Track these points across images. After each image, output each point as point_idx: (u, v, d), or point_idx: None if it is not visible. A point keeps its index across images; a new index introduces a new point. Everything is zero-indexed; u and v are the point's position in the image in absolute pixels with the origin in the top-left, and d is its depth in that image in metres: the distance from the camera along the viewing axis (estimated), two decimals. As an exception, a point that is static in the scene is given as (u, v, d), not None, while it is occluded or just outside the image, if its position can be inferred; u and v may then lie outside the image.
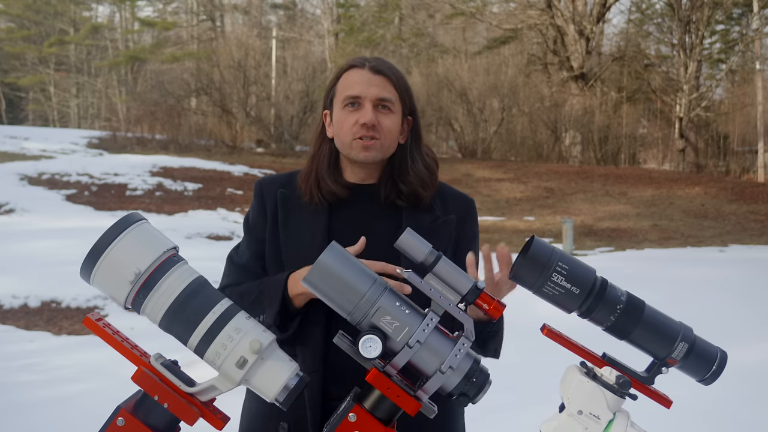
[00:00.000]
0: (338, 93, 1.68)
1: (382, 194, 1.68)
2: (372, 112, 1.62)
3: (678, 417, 2.66)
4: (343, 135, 1.65)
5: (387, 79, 1.66)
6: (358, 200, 1.68)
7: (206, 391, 1.12)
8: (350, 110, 1.64)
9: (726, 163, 24.15)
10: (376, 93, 1.64)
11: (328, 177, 1.67)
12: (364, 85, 1.64)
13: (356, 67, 1.67)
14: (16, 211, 12.84)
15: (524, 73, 25.27)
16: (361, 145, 1.63)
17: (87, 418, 2.82)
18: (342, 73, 1.69)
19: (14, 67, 37.31)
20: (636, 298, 1.21)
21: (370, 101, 1.63)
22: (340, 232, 1.64)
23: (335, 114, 1.68)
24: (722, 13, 24.87)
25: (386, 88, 1.66)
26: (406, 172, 1.67)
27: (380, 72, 1.66)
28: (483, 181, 18.16)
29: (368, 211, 1.68)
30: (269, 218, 1.70)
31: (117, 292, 1.10)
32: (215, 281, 1.29)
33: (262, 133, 25.11)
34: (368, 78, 1.65)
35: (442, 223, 1.69)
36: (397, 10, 31.12)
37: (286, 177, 1.77)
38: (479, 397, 1.13)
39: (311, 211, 1.67)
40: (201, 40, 35.86)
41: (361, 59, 1.69)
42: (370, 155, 1.64)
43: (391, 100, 1.66)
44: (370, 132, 1.62)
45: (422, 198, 1.67)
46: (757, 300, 7.32)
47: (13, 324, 7.22)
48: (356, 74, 1.66)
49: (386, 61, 1.72)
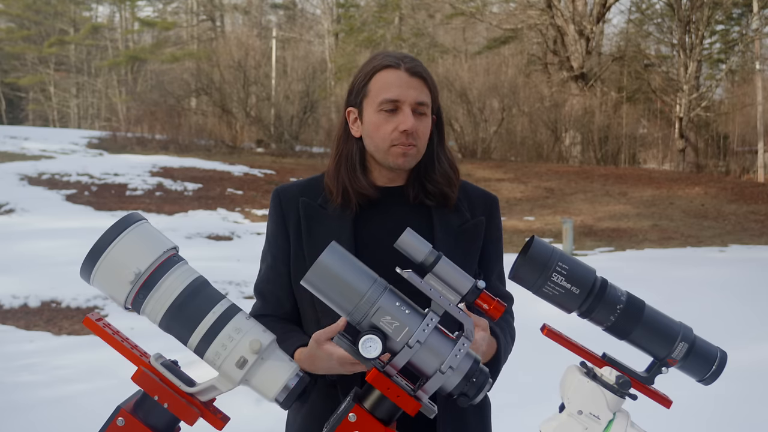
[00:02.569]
0: (372, 94, 1.59)
1: (411, 195, 1.64)
2: (412, 118, 1.56)
3: (678, 417, 2.66)
4: (380, 140, 1.58)
5: (423, 82, 1.60)
6: (387, 202, 1.64)
7: (206, 391, 1.12)
8: (387, 114, 1.57)
9: (726, 163, 24.16)
10: (415, 97, 1.57)
11: (356, 181, 1.61)
12: (402, 88, 1.56)
13: (391, 67, 1.58)
14: (16, 211, 12.84)
15: (524, 73, 25.28)
16: (400, 152, 1.57)
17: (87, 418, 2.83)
18: (375, 72, 1.60)
19: (14, 67, 37.31)
20: (636, 298, 1.21)
21: (409, 105, 1.57)
22: (370, 236, 1.60)
23: (369, 116, 1.60)
24: (722, 13, 24.86)
25: (423, 91, 1.59)
26: (433, 172, 1.64)
27: (417, 74, 1.59)
28: (483, 181, 18.16)
29: (397, 213, 1.63)
30: (292, 231, 1.64)
31: (117, 292, 1.10)
32: (215, 281, 1.29)
33: (262, 133, 25.10)
34: (406, 80, 1.57)
35: (472, 226, 1.66)
36: (397, 10, 31.13)
37: (305, 184, 1.70)
38: (479, 397, 1.13)
39: (336, 217, 1.61)
40: (201, 40, 35.88)
41: (395, 58, 1.60)
42: (408, 162, 1.59)
43: (427, 103, 1.60)
44: (410, 139, 1.56)
45: (449, 197, 1.64)
46: (757, 300, 7.32)
47: (13, 324, 7.22)
48: (392, 75, 1.58)
49: (417, 59, 1.65)
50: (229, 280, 8.03)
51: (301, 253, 1.62)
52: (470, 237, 1.65)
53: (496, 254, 1.71)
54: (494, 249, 1.71)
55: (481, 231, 1.67)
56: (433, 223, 1.63)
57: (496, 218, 1.72)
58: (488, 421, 1.71)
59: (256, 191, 16.20)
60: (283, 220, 1.66)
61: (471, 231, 1.65)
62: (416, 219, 1.63)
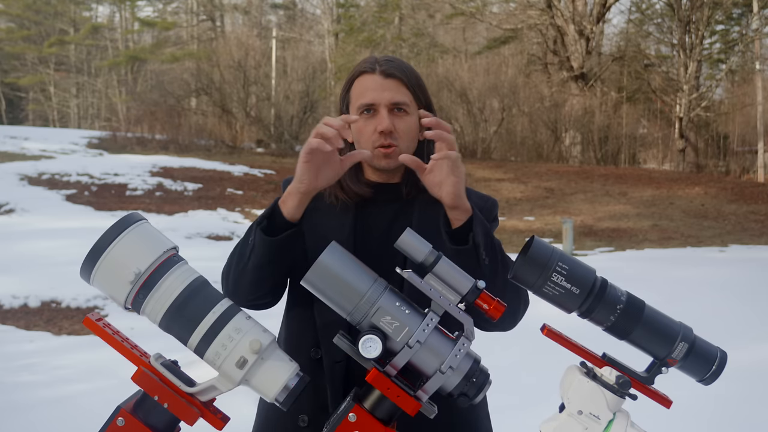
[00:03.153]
0: (353, 100, 1.66)
1: (405, 191, 1.67)
2: (388, 119, 1.60)
3: (678, 417, 2.66)
4: (365, 144, 1.63)
5: (399, 81, 1.64)
6: (382, 199, 1.68)
7: (206, 391, 1.12)
8: (366, 117, 1.62)
9: (726, 163, 24.16)
10: (390, 98, 1.61)
11: (351, 180, 1.65)
12: (377, 91, 1.62)
13: (366, 72, 1.64)
14: (16, 211, 12.84)
15: (524, 73, 25.28)
16: (382, 154, 1.62)
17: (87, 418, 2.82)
18: (354, 79, 1.67)
19: (14, 67, 37.31)
20: (636, 298, 1.21)
21: (385, 107, 1.61)
22: (366, 232, 1.64)
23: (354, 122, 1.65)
24: (722, 13, 24.86)
25: (399, 90, 1.63)
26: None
27: (390, 75, 1.63)
28: (483, 181, 18.16)
29: (392, 209, 1.67)
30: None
31: (117, 292, 1.10)
32: (215, 281, 1.29)
33: (262, 133, 25.11)
34: (380, 83, 1.62)
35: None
36: (397, 10, 31.12)
37: None
38: (479, 397, 1.13)
39: (336, 213, 1.66)
40: (201, 40, 35.88)
41: (371, 63, 1.65)
42: (392, 162, 1.62)
43: (406, 102, 1.63)
44: (387, 139, 1.61)
45: None
46: (757, 300, 7.32)
47: (13, 324, 7.22)
48: (367, 80, 1.63)
49: (397, 59, 1.69)
50: (229, 280, 8.02)
51: (302, 246, 1.64)
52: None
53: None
54: None
55: None
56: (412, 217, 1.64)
57: (493, 219, 1.74)
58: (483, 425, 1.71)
59: (256, 191, 16.20)
60: None
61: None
62: (409, 213, 1.66)
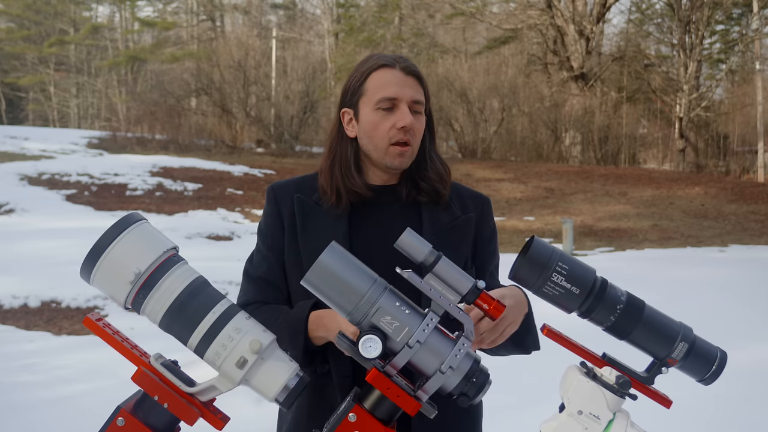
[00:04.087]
0: (369, 93, 1.61)
1: (404, 193, 1.66)
2: (410, 115, 1.58)
3: (678, 417, 2.66)
4: (379, 139, 1.60)
5: (418, 81, 1.63)
6: (380, 201, 1.66)
7: (206, 391, 1.12)
8: (385, 112, 1.59)
9: (726, 163, 24.16)
10: (411, 95, 1.60)
11: (356, 177, 1.63)
12: (399, 86, 1.59)
13: (387, 66, 1.61)
14: (16, 211, 12.84)
15: (524, 73, 25.28)
16: (397, 152, 1.60)
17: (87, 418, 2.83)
18: (371, 71, 1.62)
19: (14, 67, 37.30)
20: (636, 298, 1.21)
21: (406, 103, 1.59)
22: (363, 234, 1.62)
23: (366, 115, 1.61)
24: (722, 13, 24.85)
25: (418, 89, 1.62)
26: (426, 170, 1.66)
27: (412, 72, 1.61)
28: (483, 181, 18.16)
29: (390, 211, 1.65)
30: (287, 224, 1.65)
31: (117, 292, 1.10)
32: (215, 281, 1.29)
33: (262, 133, 25.10)
34: (401, 78, 1.60)
35: (463, 223, 1.68)
36: (397, 10, 31.12)
37: (299, 181, 1.72)
38: (479, 397, 1.13)
39: (331, 215, 1.63)
40: (201, 40, 35.87)
41: (391, 58, 1.63)
42: (404, 161, 1.62)
43: (422, 101, 1.63)
44: (407, 135, 1.59)
45: (441, 195, 1.66)
46: (758, 300, 7.33)
47: (13, 324, 7.22)
48: (388, 74, 1.60)
49: (410, 59, 1.68)
50: (229, 280, 8.03)
51: (296, 249, 1.63)
52: (460, 234, 1.66)
53: (488, 252, 1.73)
54: (486, 248, 1.72)
55: (470, 228, 1.69)
56: (422, 220, 1.64)
57: (487, 217, 1.74)
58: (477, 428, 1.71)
59: (256, 191, 16.20)
60: (279, 214, 1.67)
61: (461, 228, 1.67)
62: (407, 216, 1.65)
